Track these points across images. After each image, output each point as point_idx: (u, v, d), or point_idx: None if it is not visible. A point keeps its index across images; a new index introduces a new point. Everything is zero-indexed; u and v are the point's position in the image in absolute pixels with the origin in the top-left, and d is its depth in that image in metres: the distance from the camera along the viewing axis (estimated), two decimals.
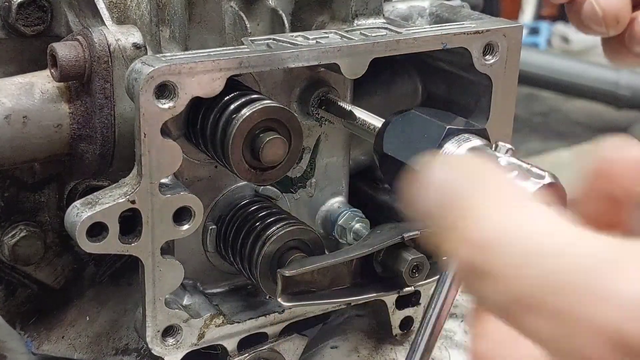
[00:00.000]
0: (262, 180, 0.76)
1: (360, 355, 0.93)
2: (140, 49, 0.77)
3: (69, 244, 0.90)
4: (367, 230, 0.87)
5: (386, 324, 0.94)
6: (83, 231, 0.70)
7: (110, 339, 0.92)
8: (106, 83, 0.76)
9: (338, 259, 0.78)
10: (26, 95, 0.77)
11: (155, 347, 0.78)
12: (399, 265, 0.80)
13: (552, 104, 4.52)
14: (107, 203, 0.70)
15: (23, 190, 0.86)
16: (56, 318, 0.92)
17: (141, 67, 0.68)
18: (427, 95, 0.94)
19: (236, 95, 0.72)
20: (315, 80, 0.84)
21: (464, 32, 0.82)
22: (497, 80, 0.85)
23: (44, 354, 0.92)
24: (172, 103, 0.69)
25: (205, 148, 0.75)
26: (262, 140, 0.72)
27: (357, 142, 0.90)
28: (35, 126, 0.76)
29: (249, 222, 0.81)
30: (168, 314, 0.77)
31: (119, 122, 0.78)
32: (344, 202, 0.91)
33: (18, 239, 0.85)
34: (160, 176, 0.71)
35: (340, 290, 0.80)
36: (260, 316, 0.84)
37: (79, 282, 0.92)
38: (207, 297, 0.85)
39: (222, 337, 0.82)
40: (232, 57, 0.71)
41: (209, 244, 0.84)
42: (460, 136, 0.66)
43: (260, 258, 0.78)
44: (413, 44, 0.80)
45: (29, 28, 0.83)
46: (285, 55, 0.73)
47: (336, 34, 0.79)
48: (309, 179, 0.88)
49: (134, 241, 0.72)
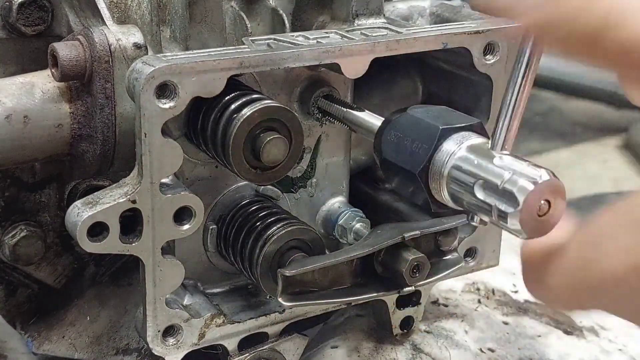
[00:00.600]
0: (263, 180, 0.76)
1: (361, 355, 0.93)
2: (141, 48, 0.77)
3: (70, 244, 0.90)
4: (367, 230, 0.87)
5: (386, 324, 0.94)
6: (84, 231, 0.70)
7: (110, 339, 0.92)
8: (107, 83, 0.76)
9: (338, 259, 0.78)
10: (27, 95, 0.77)
11: (155, 347, 0.78)
12: (400, 265, 0.80)
13: (552, 104, 4.52)
14: (108, 203, 0.70)
15: (24, 190, 0.86)
16: (57, 318, 0.92)
17: (142, 67, 0.68)
18: (427, 95, 0.94)
19: (237, 95, 0.72)
20: (316, 80, 0.84)
21: (465, 32, 0.82)
22: (498, 80, 0.86)
23: (45, 353, 0.92)
24: (173, 103, 0.69)
25: (206, 148, 0.75)
26: (262, 140, 0.72)
27: (357, 142, 0.90)
28: (35, 126, 0.76)
29: (250, 221, 0.81)
30: (169, 313, 0.77)
31: (120, 122, 0.78)
32: (344, 202, 0.91)
33: (19, 239, 0.85)
34: (161, 176, 0.71)
35: (340, 290, 0.80)
36: (261, 316, 0.84)
37: (79, 282, 0.92)
38: (207, 297, 0.85)
39: (223, 336, 0.82)
40: (233, 57, 0.71)
41: (210, 244, 0.84)
42: (459, 134, 0.66)
43: (261, 258, 0.78)
44: (413, 44, 0.80)
45: (30, 28, 0.83)
46: (285, 55, 0.73)
47: (337, 33, 0.79)
48: (310, 179, 0.88)
49: (134, 241, 0.72)
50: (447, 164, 0.65)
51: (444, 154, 0.65)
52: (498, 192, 0.59)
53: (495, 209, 0.59)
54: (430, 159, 0.66)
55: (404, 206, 0.93)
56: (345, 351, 0.94)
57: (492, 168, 0.61)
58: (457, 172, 0.64)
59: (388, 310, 0.93)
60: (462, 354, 0.95)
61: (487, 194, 0.60)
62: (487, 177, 0.61)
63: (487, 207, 0.60)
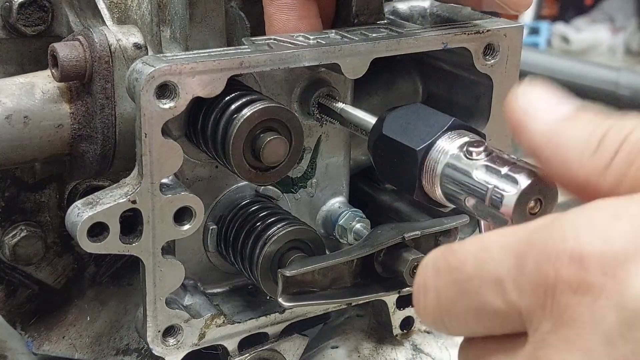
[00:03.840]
0: (263, 181, 0.76)
1: (361, 355, 0.93)
2: (141, 49, 0.77)
3: (70, 244, 0.90)
4: (367, 231, 0.87)
5: (387, 324, 0.94)
6: (84, 231, 0.70)
7: (110, 339, 0.92)
8: (107, 83, 0.76)
9: (339, 259, 0.78)
10: (27, 95, 0.77)
11: (156, 347, 0.78)
12: (400, 265, 0.80)
13: None
14: (108, 203, 0.70)
15: (24, 190, 0.86)
16: (57, 318, 0.92)
17: (142, 67, 0.68)
18: (427, 95, 0.94)
19: (237, 95, 0.72)
20: (316, 80, 0.84)
21: (465, 32, 0.82)
22: (498, 80, 0.85)
23: (45, 354, 0.92)
24: (173, 103, 0.69)
25: (206, 148, 0.75)
26: (262, 141, 0.72)
27: (357, 142, 0.90)
28: (36, 126, 0.76)
29: (250, 222, 0.81)
30: (169, 314, 0.77)
31: (120, 122, 0.78)
32: (344, 202, 0.91)
33: (19, 239, 0.85)
34: (161, 176, 0.71)
35: (340, 291, 0.80)
36: (261, 316, 0.84)
37: (79, 282, 0.92)
38: (207, 297, 0.85)
39: (223, 337, 0.82)
40: (233, 57, 0.71)
41: (210, 244, 0.84)
42: (438, 146, 0.66)
43: (261, 258, 0.78)
44: (413, 44, 0.80)
45: (30, 28, 0.83)
46: (285, 55, 0.73)
47: (337, 33, 0.79)
48: (310, 179, 0.88)
49: (134, 241, 0.72)
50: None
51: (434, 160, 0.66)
52: (485, 208, 0.59)
53: (491, 220, 0.59)
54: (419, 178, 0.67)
55: (404, 206, 0.93)
56: (345, 351, 0.94)
57: (473, 182, 0.60)
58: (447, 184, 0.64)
59: (388, 311, 0.93)
60: None
61: (477, 207, 0.61)
62: (472, 192, 0.61)
63: (481, 217, 0.61)
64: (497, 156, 0.61)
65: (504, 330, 0.49)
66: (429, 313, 0.52)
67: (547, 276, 0.45)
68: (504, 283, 0.47)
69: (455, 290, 0.50)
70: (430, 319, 0.52)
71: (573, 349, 0.43)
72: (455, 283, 0.50)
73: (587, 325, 0.43)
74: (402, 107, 0.72)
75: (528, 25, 5.17)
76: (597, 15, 5.69)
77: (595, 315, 0.43)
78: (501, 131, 0.86)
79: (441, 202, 0.66)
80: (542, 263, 0.45)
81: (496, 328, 0.49)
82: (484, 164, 0.60)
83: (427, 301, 0.52)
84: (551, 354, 0.44)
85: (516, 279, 0.46)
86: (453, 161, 0.63)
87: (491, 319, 0.48)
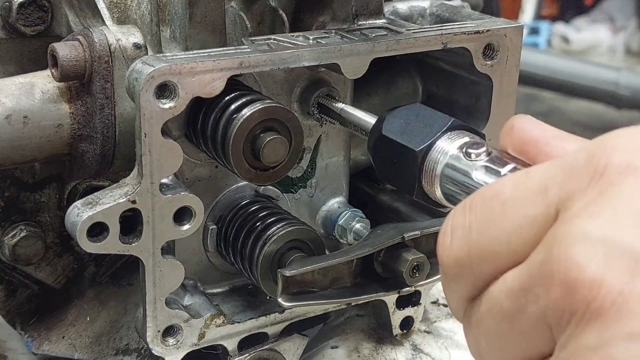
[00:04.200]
0: (263, 180, 0.76)
1: (361, 355, 0.93)
2: (140, 48, 0.77)
3: (70, 244, 0.90)
4: (367, 231, 0.87)
5: (386, 324, 0.94)
6: (84, 231, 0.70)
7: (110, 339, 0.92)
8: (107, 83, 0.76)
9: (338, 259, 0.78)
10: (27, 95, 0.77)
11: (155, 347, 0.78)
12: (400, 265, 0.80)
13: (552, 104, 4.52)
14: (108, 203, 0.70)
15: (23, 190, 0.86)
16: (56, 318, 0.92)
17: (142, 67, 0.68)
18: (427, 95, 0.94)
19: (237, 95, 0.72)
20: (316, 80, 0.84)
21: (465, 32, 0.82)
22: (498, 80, 0.85)
23: (44, 354, 0.92)
24: (173, 103, 0.69)
25: (206, 148, 0.75)
26: (262, 141, 0.72)
27: (357, 142, 0.90)
28: (35, 126, 0.76)
29: (250, 222, 0.81)
30: (169, 314, 0.77)
31: (120, 122, 0.78)
32: (344, 202, 0.91)
33: (18, 239, 0.85)
34: (161, 176, 0.71)
35: (340, 290, 0.80)
36: (261, 316, 0.84)
37: (79, 282, 0.92)
38: (207, 297, 0.85)
39: (223, 337, 0.82)
40: (233, 57, 0.71)
41: (210, 244, 0.84)
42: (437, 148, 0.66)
43: (261, 258, 0.78)
44: (413, 44, 0.80)
45: (30, 28, 0.83)
46: (285, 55, 0.73)
47: (337, 34, 0.79)
48: (310, 179, 0.88)
49: (134, 241, 0.72)
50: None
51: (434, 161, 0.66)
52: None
53: None
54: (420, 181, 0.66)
55: (404, 206, 0.93)
56: (345, 351, 0.94)
57: (473, 183, 0.60)
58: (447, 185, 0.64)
59: (388, 311, 0.93)
60: (462, 354, 0.95)
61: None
62: (472, 193, 0.61)
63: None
64: (496, 157, 0.60)
65: (538, 238, 0.46)
66: (454, 252, 0.50)
67: (597, 163, 0.45)
68: (549, 188, 0.46)
69: (488, 218, 0.48)
70: (453, 259, 0.50)
71: (617, 223, 0.42)
72: (490, 210, 0.48)
73: (630, 197, 0.43)
74: (402, 107, 0.72)
75: (528, 25, 5.17)
76: (597, 15, 5.70)
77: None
78: (501, 131, 0.86)
79: (441, 203, 0.66)
80: (593, 154, 0.45)
81: (528, 242, 0.46)
82: (483, 165, 0.60)
83: (454, 239, 0.50)
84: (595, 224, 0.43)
85: (568, 170, 0.46)
86: (453, 162, 0.63)
87: (524, 232, 0.46)
